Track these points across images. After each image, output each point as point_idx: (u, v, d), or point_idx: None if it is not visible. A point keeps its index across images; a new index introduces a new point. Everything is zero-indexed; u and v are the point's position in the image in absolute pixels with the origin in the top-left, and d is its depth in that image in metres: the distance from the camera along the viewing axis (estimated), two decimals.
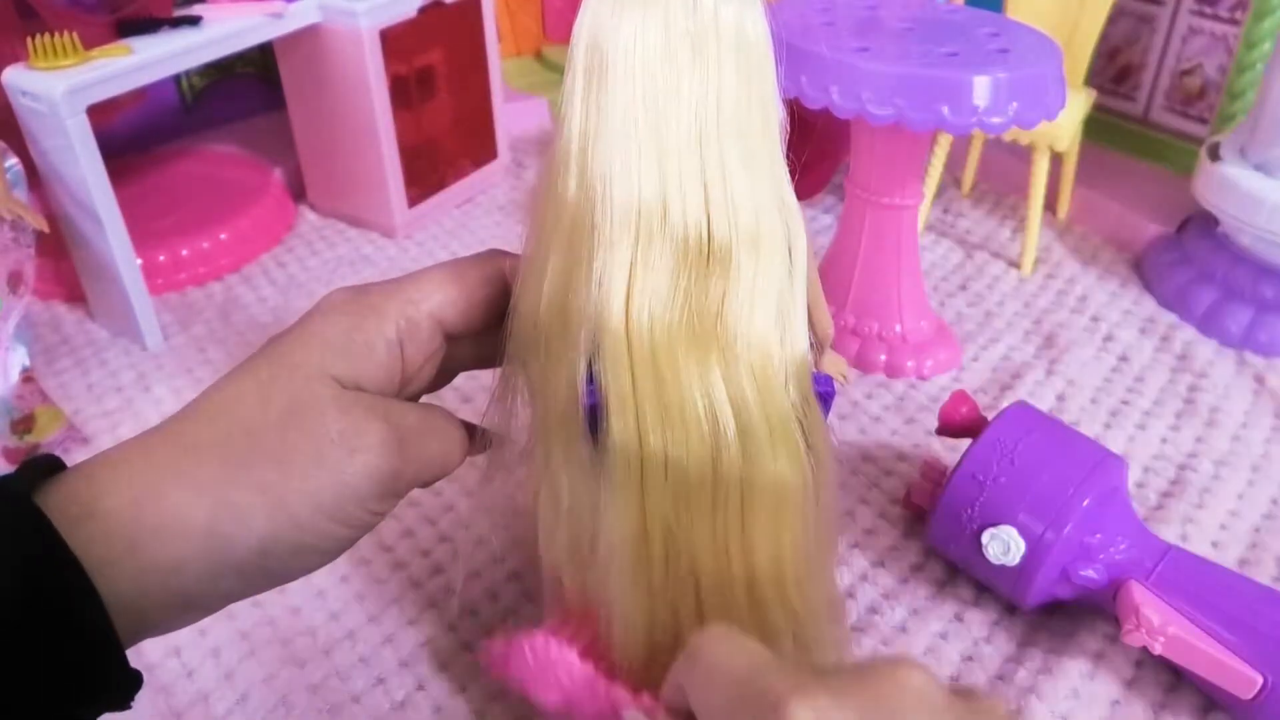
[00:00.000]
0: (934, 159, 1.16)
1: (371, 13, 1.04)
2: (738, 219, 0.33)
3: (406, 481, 0.40)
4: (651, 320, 0.32)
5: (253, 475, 0.33)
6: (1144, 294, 1.06)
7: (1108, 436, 0.85)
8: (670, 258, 0.33)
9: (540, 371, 0.35)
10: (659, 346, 0.32)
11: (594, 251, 0.33)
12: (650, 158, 0.32)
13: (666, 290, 0.33)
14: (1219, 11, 1.15)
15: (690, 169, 0.32)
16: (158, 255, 1.08)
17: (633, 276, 0.33)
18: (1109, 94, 1.28)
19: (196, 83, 1.35)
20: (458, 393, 0.93)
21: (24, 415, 0.82)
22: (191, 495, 0.32)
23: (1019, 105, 0.73)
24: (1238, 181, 0.95)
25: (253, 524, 0.33)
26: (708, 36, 0.32)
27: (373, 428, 0.37)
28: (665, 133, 0.32)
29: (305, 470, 0.34)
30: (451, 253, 1.17)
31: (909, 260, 0.91)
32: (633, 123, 0.32)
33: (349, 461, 0.36)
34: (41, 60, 0.86)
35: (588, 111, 0.33)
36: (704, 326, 0.33)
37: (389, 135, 1.11)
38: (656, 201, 0.32)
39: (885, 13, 0.85)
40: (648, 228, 0.32)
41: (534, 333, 0.34)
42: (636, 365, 0.32)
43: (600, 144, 0.33)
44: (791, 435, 0.33)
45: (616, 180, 0.32)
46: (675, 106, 0.33)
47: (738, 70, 0.33)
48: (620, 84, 0.32)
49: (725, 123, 0.33)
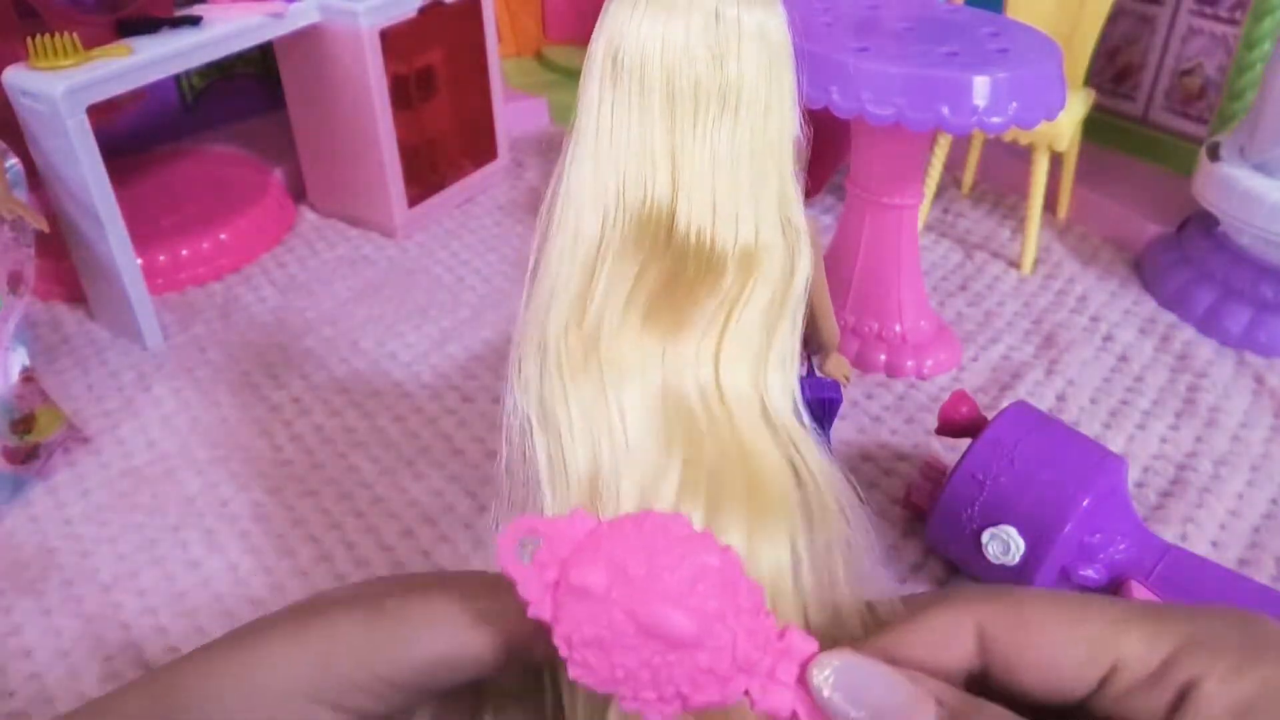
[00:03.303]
0: (934, 159, 1.16)
1: (371, 13, 1.04)
2: (738, 231, 0.33)
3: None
4: (642, 323, 0.32)
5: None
6: (1144, 294, 1.06)
7: (1108, 436, 0.85)
8: (671, 264, 0.33)
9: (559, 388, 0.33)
10: (638, 347, 0.32)
11: (602, 258, 0.33)
12: (664, 164, 0.32)
13: (660, 295, 0.33)
14: (1219, 11, 1.15)
15: (701, 177, 0.33)
16: (158, 255, 1.08)
17: (638, 283, 0.33)
18: (1109, 94, 1.28)
19: (196, 83, 1.35)
20: (458, 392, 0.94)
21: (24, 415, 0.82)
22: None
23: (1019, 105, 0.73)
24: (1238, 181, 0.95)
25: None
26: (729, 43, 0.32)
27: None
28: (680, 139, 0.33)
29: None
30: (452, 253, 1.17)
31: (909, 260, 0.91)
32: (649, 127, 0.32)
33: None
34: (41, 60, 0.86)
35: (602, 116, 0.33)
36: (684, 333, 0.33)
37: (389, 135, 1.11)
38: (665, 207, 0.32)
39: (885, 13, 0.85)
40: (654, 234, 0.32)
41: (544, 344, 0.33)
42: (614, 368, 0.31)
43: (614, 148, 0.33)
44: (763, 444, 0.32)
45: (630, 184, 0.32)
46: (691, 115, 0.33)
47: (757, 77, 0.33)
48: (637, 90, 0.32)
49: (740, 135, 0.33)
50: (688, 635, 0.21)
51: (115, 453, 0.87)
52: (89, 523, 0.80)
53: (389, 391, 0.94)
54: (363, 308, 1.07)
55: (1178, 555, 0.61)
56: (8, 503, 0.81)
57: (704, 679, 0.21)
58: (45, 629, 0.71)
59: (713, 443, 0.32)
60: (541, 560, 0.22)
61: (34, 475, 0.83)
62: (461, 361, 0.98)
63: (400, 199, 1.17)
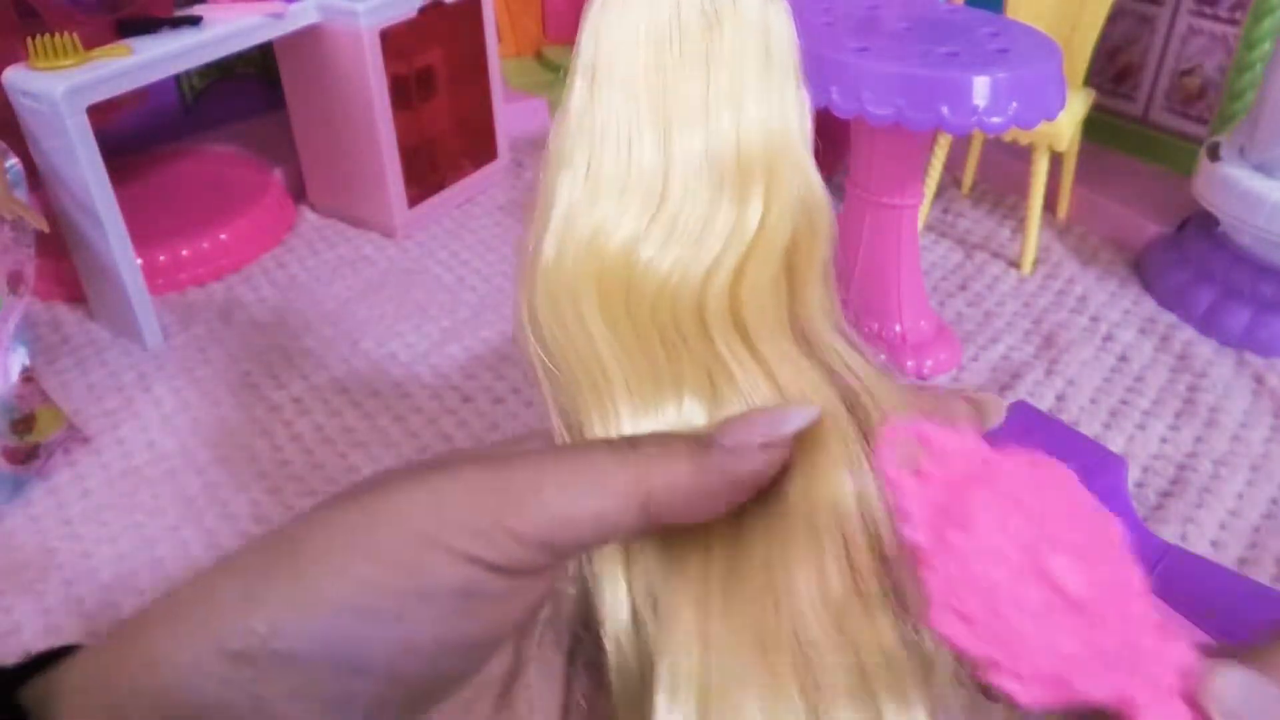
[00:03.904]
0: (934, 159, 1.16)
1: (371, 13, 1.04)
2: (742, 140, 0.34)
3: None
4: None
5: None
6: (1144, 294, 1.06)
7: (1108, 436, 0.85)
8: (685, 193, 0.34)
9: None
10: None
11: (615, 186, 0.34)
12: (654, 127, 0.33)
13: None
14: (1219, 11, 1.15)
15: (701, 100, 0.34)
16: (158, 255, 1.08)
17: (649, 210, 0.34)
18: (1109, 94, 1.28)
19: (196, 83, 1.35)
20: (458, 392, 0.94)
21: (25, 415, 0.82)
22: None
23: (1019, 105, 0.73)
24: (1238, 181, 0.95)
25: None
26: (724, 16, 0.33)
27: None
28: (671, 108, 0.33)
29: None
30: (452, 253, 1.17)
31: (909, 260, 0.91)
32: (658, 56, 0.33)
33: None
34: (41, 60, 0.86)
35: (602, 47, 0.34)
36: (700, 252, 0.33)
37: (389, 135, 1.11)
38: (658, 172, 0.33)
39: (885, 13, 0.85)
40: (649, 190, 0.33)
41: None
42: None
43: (605, 106, 0.34)
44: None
45: (643, 118, 0.33)
46: (685, 82, 0.34)
47: (754, 53, 0.34)
48: (623, 68, 0.33)
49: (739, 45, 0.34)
50: (1087, 599, 0.17)
51: (115, 453, 0.87)
52: (89, 523, 0.80)
53: (389, 391, 0.94)
54: (363, 308, 1.07)
55: (1178, 555, 0.61)
56: (8, 503, 0.81)
57: (1092, 662, 0.17)
58: (45, 629, 0.71)
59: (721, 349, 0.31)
60: (928, 475, 0.18)
61: (34, 475, 0.83)
62: (461, 361, 0.98)
63: (400, 199, 1.16)
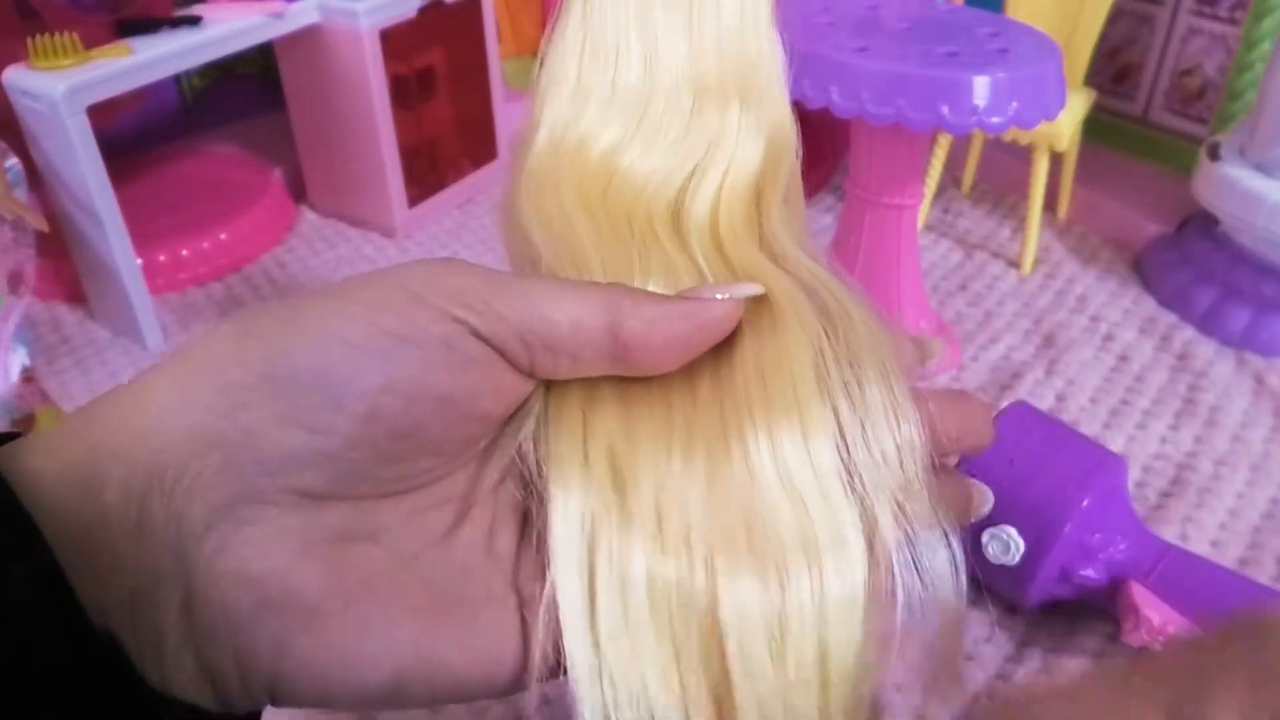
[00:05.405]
0: (934, 159, 1.16)
1: (371, 13, 1.04)
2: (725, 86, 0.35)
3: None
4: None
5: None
6: (1144, 294, 1.06)
7: (1108, 436, 0.85)
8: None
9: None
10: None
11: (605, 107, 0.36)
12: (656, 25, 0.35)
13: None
14: (1219, 11, 1.15)
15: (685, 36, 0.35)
16: (158, 255, 1.08)
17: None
18: (1109, 94, 1.28)
19: (196, 83, 1.35)
20: None
21: (24, 415, 0.82)
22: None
23: (1019, 105, 0.73)
24: (1238, 181, 0.95)
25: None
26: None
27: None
28: (658, 25, 0.35)
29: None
30: (451, 253, 1.17)
31: (909, 260, 0.91)
32: (626, 16, 0.35)
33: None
34: (41, 60, 0.86)
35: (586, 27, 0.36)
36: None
37: (389, 135, 1.11)
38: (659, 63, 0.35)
39: (885, 13, 0.85)
40: (634, 103, 0.35)
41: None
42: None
43: (597, 24, 0.35)
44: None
45: (632, 47, 0.35)
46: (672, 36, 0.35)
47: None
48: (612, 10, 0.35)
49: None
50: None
51: None
52: None
53: None
54: None
55: (1178, 555, 0.62)
56: None
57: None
58: None
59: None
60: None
61: None
62: None
63: (400, 199, 1.17)
